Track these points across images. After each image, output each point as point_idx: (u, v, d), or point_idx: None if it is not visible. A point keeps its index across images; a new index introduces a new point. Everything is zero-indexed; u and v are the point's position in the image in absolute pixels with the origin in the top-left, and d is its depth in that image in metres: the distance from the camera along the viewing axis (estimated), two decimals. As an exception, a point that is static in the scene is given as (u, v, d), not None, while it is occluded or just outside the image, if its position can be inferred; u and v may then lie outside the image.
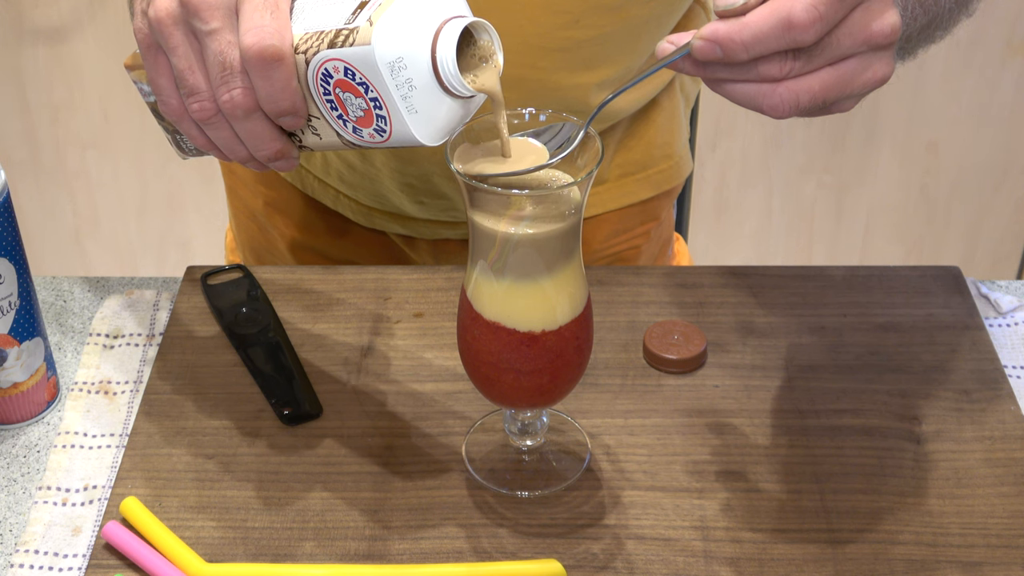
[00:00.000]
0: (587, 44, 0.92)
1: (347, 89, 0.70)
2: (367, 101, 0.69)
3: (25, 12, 1.93)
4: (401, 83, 0.68)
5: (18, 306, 0.84)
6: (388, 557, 0.77)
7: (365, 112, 0.70)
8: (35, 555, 0.78)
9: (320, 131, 0.73)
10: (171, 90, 0.74)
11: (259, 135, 0.72)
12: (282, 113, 0.70)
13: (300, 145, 0.75)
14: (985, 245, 2.11)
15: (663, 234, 1.16)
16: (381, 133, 0.71)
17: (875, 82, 0.67)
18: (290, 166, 0.75)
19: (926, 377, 0.89)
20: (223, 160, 0.79)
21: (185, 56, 0.71)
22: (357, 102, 0.70)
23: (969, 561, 0.76)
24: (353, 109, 0.71)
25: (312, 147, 0.75)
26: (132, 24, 0.75)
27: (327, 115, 0.72)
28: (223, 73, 0.70)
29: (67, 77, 1.99)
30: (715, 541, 0.78)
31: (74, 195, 2.11)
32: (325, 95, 0.71)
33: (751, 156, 2.02)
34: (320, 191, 1.07)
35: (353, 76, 0.69)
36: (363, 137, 0.72)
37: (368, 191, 1.05)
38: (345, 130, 0.72)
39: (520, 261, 0.72)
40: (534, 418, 0.82)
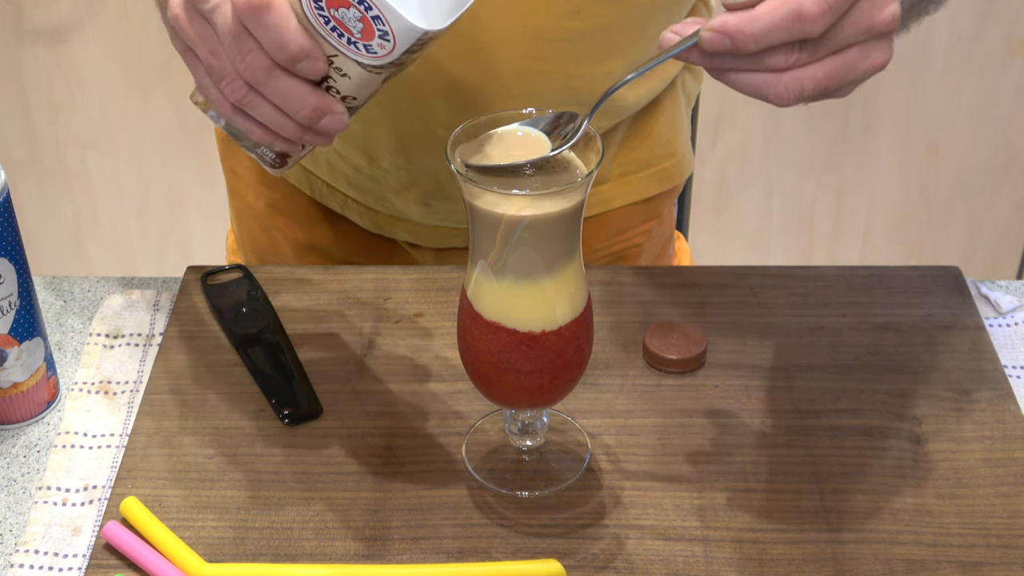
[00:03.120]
0: (590, 35, 0.92)
1: (339, 4, 0.70)
2: (358, 8, 0.69)
3: (25, 12, 1.93)
4: None
5: (18, 306, 0.84)
6: (388, 557, 0.77)
7: (363, 22, 0.70)
8: (35, 555, 0.78)
9: (345, 69, 0.73)
10: (211, 86, 0.75)
11: (289, 94, 0.72)
12: (295, 59, 0.70)
13: (342, 98, 0.74)
14: (985, 245, 2.11)
15: (664, 232, 1.16)
16: (385, 38, 0.70)
17: (875, 68, 0.69)
18: (339, 122, 0.74)
19: (926, 377, 0.89)
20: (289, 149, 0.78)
21: (205, 43, 0.73)
22: (352, 15, 0.70)
23: (969, 561, 0.76)
24: (353, 24, 0.70)
25: (350, 94, 0.74)
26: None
27: (338, 45, 0.71)
28: (233, 43, 0.71)
29: (67, 77, 1.99)
30: (715, 541, 0.78)
31: (74, 195, 2.11)
32: (326, 23, 0.71)
33: (751, 155, 2.02)
34: (328, 196, 1.07)
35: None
36: (377, 53, 0.71)
37: (375, 195, 1.05)
38: (360, 54, 0.71)
39: (520, 261, 0.72)
40: (534, 418, 0.82)
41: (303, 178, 1.08)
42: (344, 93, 0.74)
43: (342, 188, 1.06)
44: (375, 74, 0.72)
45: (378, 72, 0.72)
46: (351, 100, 0.75)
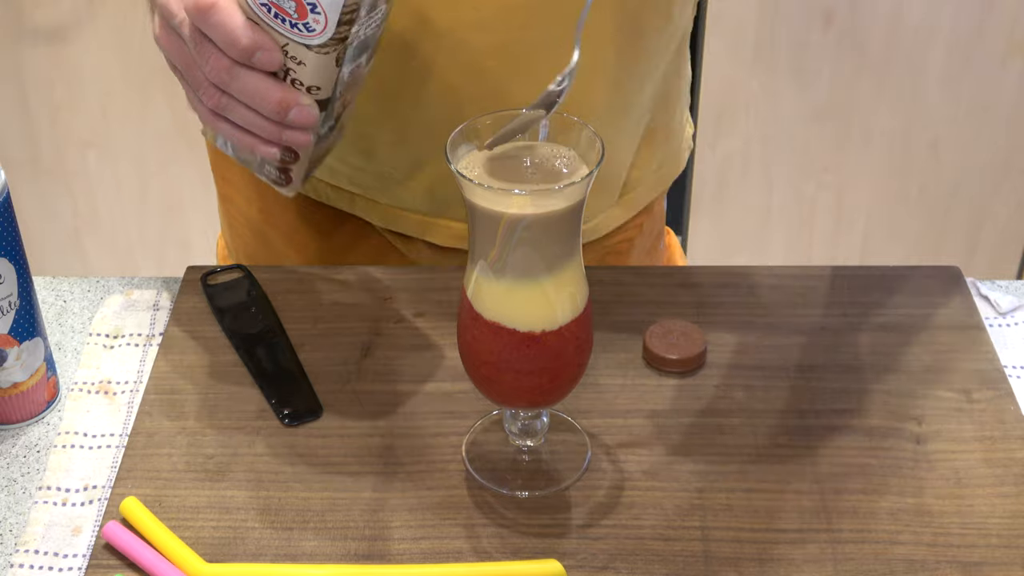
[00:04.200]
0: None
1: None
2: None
3: (25, 12, 1.93)
4: None
5: (18, 306, 0.84)
6: (388, 557, 0.77)
7: (295, 0, 0.72)
8: (35, 555, 0.78)
9: (298, 55, 0.74)
10: (193, 98, 0.78)
11: (254, 89, 0.75)
12: (248, 52, 0.73)
13: (307, 89, 0.76)
14: (985, 245, 2.11)
15: (655, 227, 1.15)
16: (316, 11, 0.72)
17: None
18: (307, 115, 0.76)
19: (926, 377, 0.89)
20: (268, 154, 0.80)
21: (180, 57, 0.78)
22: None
23: (969, 561, 0.76)
24: (286, 4, 0.72)
25: (313, 84, 0.76)
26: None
27: (283, 31, 0.74)
28: (196, 49, 0.75)
29: (67, 77, 1.99)
30: (715, 541, 0.78)
31: (74, 195, 2.11)
32: (268, 11, 0.73)
33: (751, 156, 2.02)
34: (335, 197, 1.07)
35: None
36: (315, 30, 0.73)
37: (380, 190, 1.04)
38: (302, 35, 0.73)
39: (520, 261, 0.72)
40: (534, 418, 0.82)
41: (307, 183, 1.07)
42: (307, 83, 0.76)
43: (347, 188, 1.06)
44: (323, 55, 0.74)
45: (324, 51, 0.74)
46: (316, 91, 0.76)
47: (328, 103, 0.78)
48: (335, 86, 0.77)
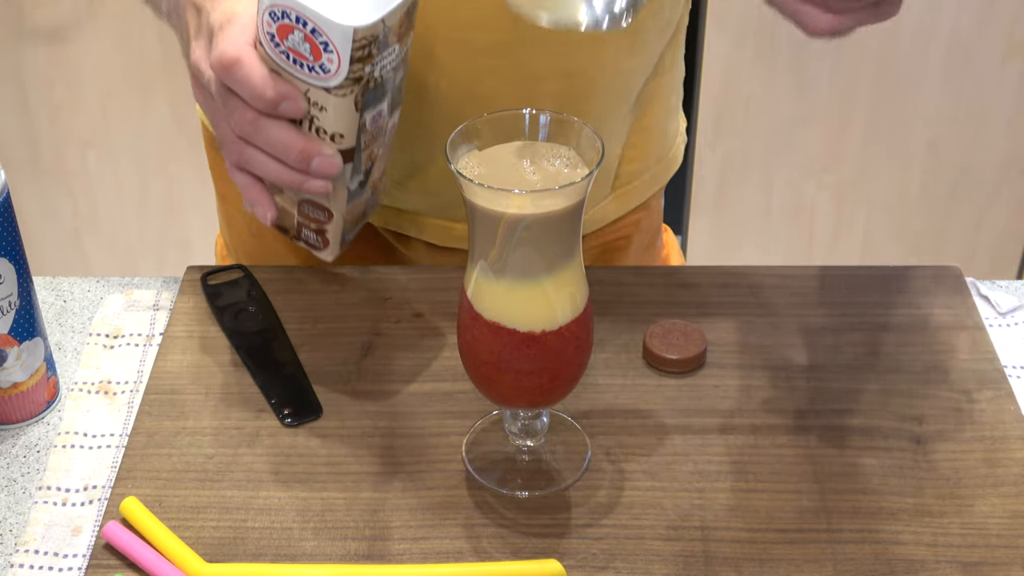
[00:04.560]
0: None
1: (285, 33, 0.74)
2: (300, 29, 0.73)
3: (25, 12, 1.93)
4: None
5: (18, 306, 0.84)
6: (388, 557, 0.77)
7: (308, 41, 0.73)
8: (35, 555, 0.78)
9: (320, 101, 0.75)
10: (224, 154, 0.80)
11: (277, 139, 0.76)
12: (273, 104, 0.75)
13: (330, 137, 0.77)
14: (985, 245, 2.11)
15: (653, 224, 1.15)
16: (328, 49, 0.73)
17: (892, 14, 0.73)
18: (329, 165, 0.77)
19: (926, 377, 0.89)
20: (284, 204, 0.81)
21: (210, 113, 0.80)
22: (298, 38, 0.73)
23: (969, 561, 0.76)
24: (303, 47, 0.73)
25: (337, 131, 0.77)
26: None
27: (303, 76, 0.75)
28: (223, 104, 0.77)
29: (67, 77, 1.99)
30: (715, 541, 0.78)
31: (74, 195, 2.11)
32: (287, 57, 0.74)
33: (751, 156, 2.02)
34: None
35: (275, 15, 0.73)
36: (330, 71, 0.74)
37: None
38: (319, 77, 0.74)
39: (520, 261, 0.72)
40: (534, 418, 0.82)
41: None
42: (331, 131, 0.77)
43: None
44: (341, 97, 0.75)
45: (342, 93, 0.75)
46: (340, 139, 0.77)
47: (354, 153, 0.79)
48: (358, 134, 0.78)
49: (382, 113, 0.79)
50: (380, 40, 0.74)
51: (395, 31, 0.75)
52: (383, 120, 0.80)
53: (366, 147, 0.80)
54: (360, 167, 0.81)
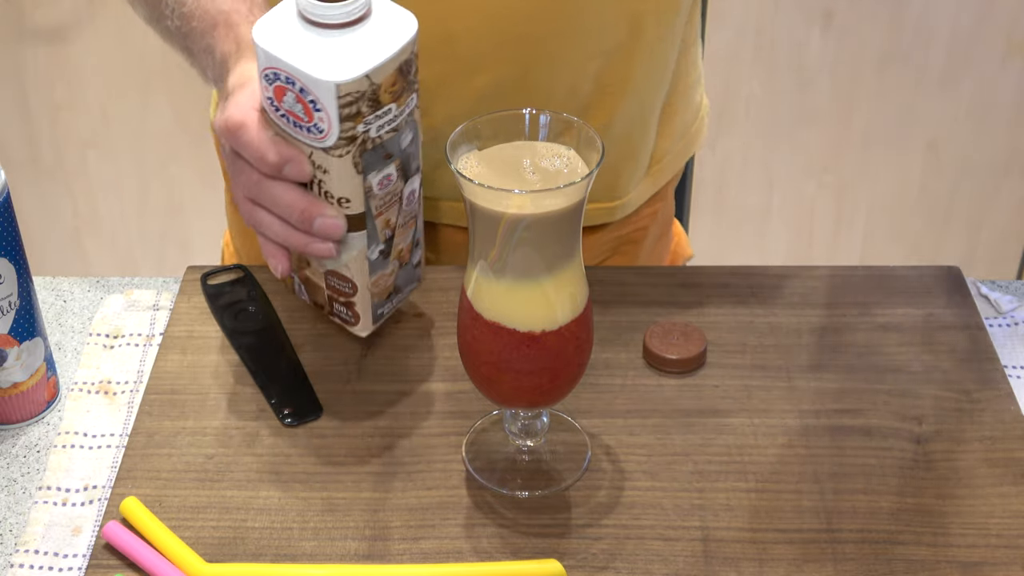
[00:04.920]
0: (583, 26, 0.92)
1: (281, 95, 0.74)
2: (291, 90, 0.73)
3: (25, 12, 1.93)
4: (283, 44, 0.73)
5: (18, 306, 0.84)
6: (388, 557, 0.77)
7: (300, 102, 0.74)
8: (35, 555, 0.78)
9: (323, 163, 0.76)
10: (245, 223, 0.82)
11: (279, 198, 0.77)
12: (278, 167, 0.76)
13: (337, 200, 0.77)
14: (985, 245, 2.11)
15: (667, 213, 1.16)
16: (316, 107, 0.73)
17: None
18: (332, 226, 0.77)
19: (926, 377, 0.89)
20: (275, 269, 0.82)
21: (229, 173, 0.82)
22: (291, 99, 0.74)
23: (969, 561, 0.76)
24: (296, 107, 0.74)
25: (343, 195, 0.77)
26: None
27: (303, 138, 0.75)
28: (232, 167, 0.79)
29: (67, 77, 1.99)
30: (715, 541, 0.78)
31: (74, 195, 2.11)
32: (287, 120, 0.75)
33: (751, 156, 2.02)
34: None
35: (269, 77, 0.74)
36: (324, 130, 0.74)
37: None
38: (315, 137, 0.75)
39: (520, 261, 0.72)
40: (534, 418, 0.82)
41: None
42: (337, 194, 0.77)
43: None
44: (339, 158, 0.75)
45: (339, 154, 0.75)
46: (347, 204, 0.77)
47: (365, 220, 0.78)
48: (366, 198, 0.78)
49: (391, 178, 0.79)
50: (368, 97, 0.74)
51: (387, 89, 0.74)
52: (394, 185, 0.79)
53: (379, 213, 0.79)
54: (377, 235, 0.80)
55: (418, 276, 0.88)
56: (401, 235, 0.82)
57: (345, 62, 0.73)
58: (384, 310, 0.86)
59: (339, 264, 0.81)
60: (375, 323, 0.85)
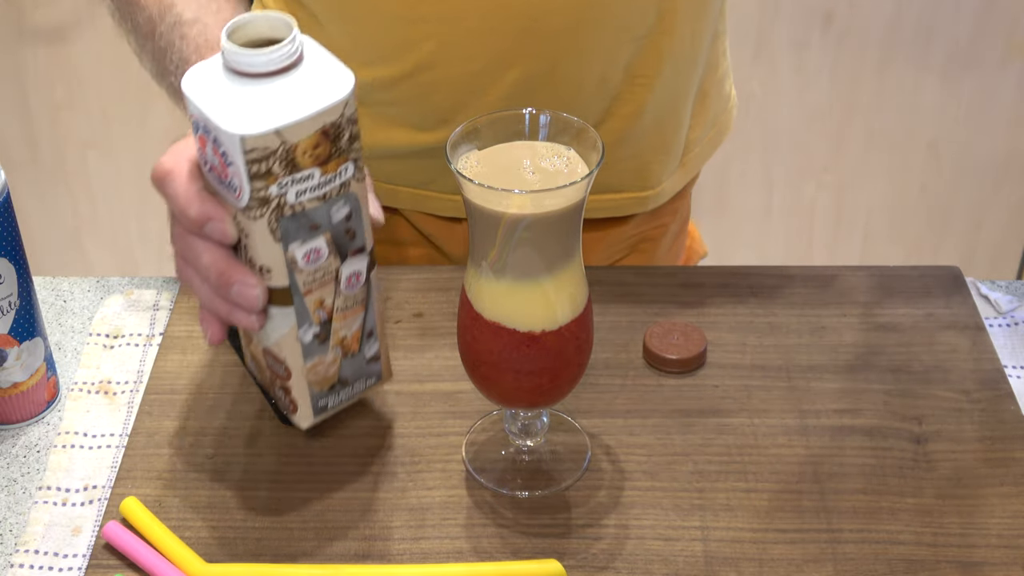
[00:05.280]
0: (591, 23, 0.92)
1: (204, 144, 0.69)
2: (209, 140, 0.67)
3: (25, 12, 1.93)
4: (203, 92, 0.68)
5: (18, 306, 0.84)
6: (388, 557, 0.77)
7: (216, 155, 0.68)
8: (35, 555, 0.78)
9: (243, 225, 0.69)
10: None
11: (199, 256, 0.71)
12: (198, 223, 0.70)
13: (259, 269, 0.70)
14: (985, 245, 2.11)
15: (686, 212, 1.16)
16: (229, 163, 0.67)
17: None
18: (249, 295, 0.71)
19: (926, 377, 0.89)
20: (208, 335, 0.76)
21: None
22: (210, 151, 0.68)
23: (969, 561, 0.76)
24: (214, 160, 0.68)
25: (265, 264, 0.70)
26: None
27: (225, 194, 0.69)
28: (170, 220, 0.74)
29: (67, 77, 1.99)
30: (715, 541, 0.78)
31: (74, 195, 2.11)
32: (209, 171, 0.70)
33: (751, 155, 2.02)
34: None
35: (195, 125, 0.69)
36: (237, 189, 0.68)
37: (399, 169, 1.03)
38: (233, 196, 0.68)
39: (520, 261, 0.72)
40: (534, 418, 0.82)
41: None
42: (258, 262, 0.70)
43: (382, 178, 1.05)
44: (255, 220, 0.68)
45: (254, 216, 0.68)
46: (267, 274, 0.71)
47: (290, 295, 0.71)
48: (289, 272, 0.71)
49: (319, 253, 0.71)
50: (281, 157, 0.66)
51: (306, 151, 0.67)
52: (325, 262, 0.71)
53: (308, 291, 0.72)
54: (309, 316, 0.73)
55: (376, 372, 0.78)
56: (342, 321, 0.74)
57: (256, 115, 0.66)
58: (328, 402, 0.77)
59: (271, 343, 0.74)
60: (316, 415, 0.77)
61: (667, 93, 1.00)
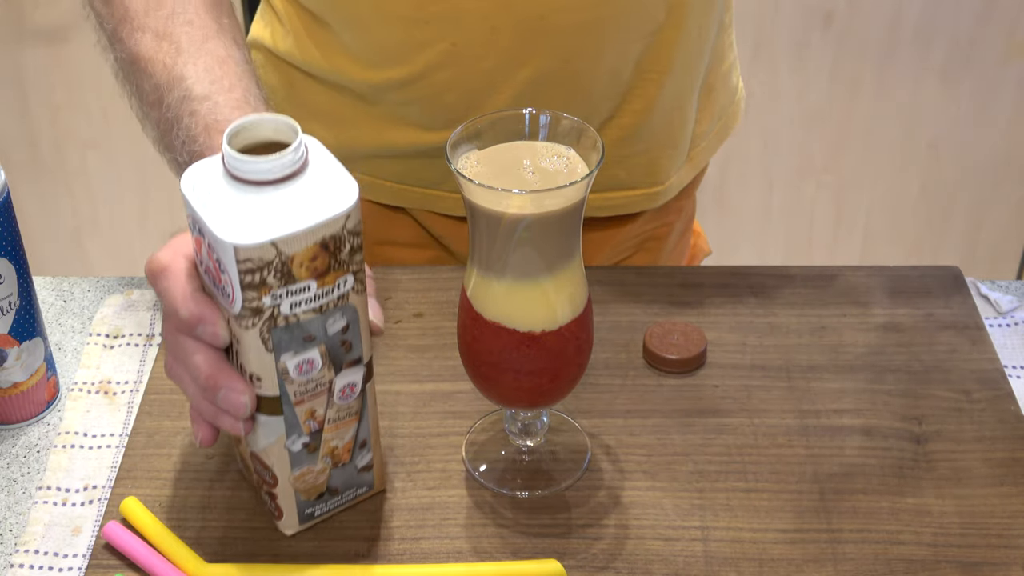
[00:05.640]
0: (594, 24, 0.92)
1: (199, 247, 0.67)
2: (204, 243, 0.66)
3: (25, 12, 1.93)
4: (201, 194, 0.66)
5: (18, 306, 0.84)
6: (388, 557, 0.77)
7: (210, 259, 0.66)
8: (35, 555, 0.78)
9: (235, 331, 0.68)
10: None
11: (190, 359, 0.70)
12: (189, 325, 0.68)
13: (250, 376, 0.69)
14: (985, 245, 2.11)
15: (691, 211, 1.16)
16: (222, 269, 0.65)
17: None
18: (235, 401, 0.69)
19: (926, 377, 0.89)
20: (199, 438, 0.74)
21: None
22: (205, 254, 0.66)
23: (969, 561, 0.76)
24: (209, 263, 0.67)
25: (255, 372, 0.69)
26: None
27: (219, 298, 0.67)
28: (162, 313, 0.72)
29: (67, 77, 1.99)
30: (715, 541, 0.78)
31: (74, 195, 2.11)
32: (205, 272, 0.68)
33: (751, 156, 2.02)
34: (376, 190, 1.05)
35: (192, 225, 0.67)
36: (230, 297, 0.66)
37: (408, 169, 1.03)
38: (226, 301, 0.67)
39: (520, 261, 0.72)
40: (534, 418, 0.82)
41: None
42: (249, 369, 0.69)
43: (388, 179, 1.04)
44: (247, 329, 0.67)
45: (246, 325, 0.66)
46: (258, 383, 0.69)
47: (279, 404, 0.70)
48: (279, 381, 0.69)
49: (313, 364, 0.69)
50: (276, 268, 0.65)
51: (302, 263, 0.66)
52: (318, 373, 0.70)
53: (299, 401, 0.70)
54: (299, 426, 0.72)
55: (368, 481, 0.78)
56: (334, 431, 0.73)
57: (252, 224, 0.64)
58: (316, 511, 0.77)
59: (258, 448, 0.73)
60: (302, 523, 0.76)
61: (676, 87, 1.00)
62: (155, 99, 0.85)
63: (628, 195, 1.04)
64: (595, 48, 0.93)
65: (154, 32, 0.85)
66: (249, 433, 0.71)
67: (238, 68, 0.84)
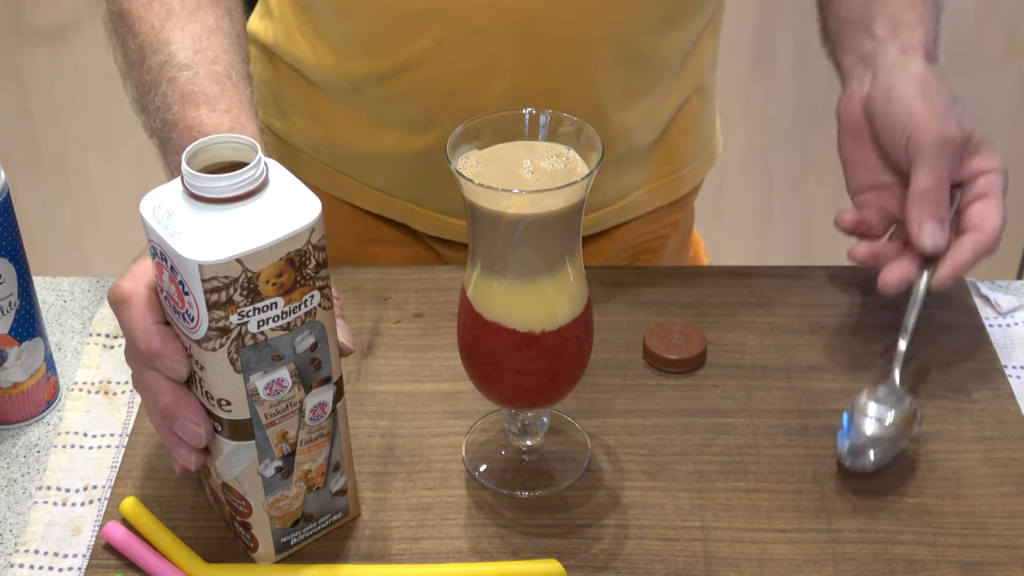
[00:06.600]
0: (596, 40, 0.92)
1: (161, 273, 0.67)
2: (166, 268, 0.65)
3: (25, 12, 1.93)
4: (161, 216, 0.65)
5: (18, 306, 0.84)
6: (388, 557, 0.77)
7: (173, 283, 0.65)
8: (35, 555, 0.78)
9: (198, 357, 0.67)
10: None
11: (150, 386, 0.69)
12: (147, 357, 0.68)
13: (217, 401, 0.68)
14: (985, 245, 2.11)
15: (688, 222, 1.16)
16: (186, 292, 0.65)
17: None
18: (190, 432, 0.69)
19: (926, 377, 0.89)
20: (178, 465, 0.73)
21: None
22: (166, 280, 0.66)
23: (969, 561, 0.76)
24: (171, 289, 0.66)
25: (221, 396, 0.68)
26: None
27: (181, 326, 0.67)
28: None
29: (67, 77, 1.99)
30: (715, 541, 0.78)
31: (74, 195, 2.11)
32: (167, 300, 0.68)
33: (751, 156, 2.02)
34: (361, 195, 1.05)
35: (151, 250, 0.67)
36: (193, 320, 0.65)
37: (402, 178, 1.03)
38: (189, 327, 0.66)
39: (520, 261, 0.72)
40: (534, 418, 0.82)
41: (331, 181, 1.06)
42: (216, 395, 0.68)
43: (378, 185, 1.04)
44: (212, 352, 0.66)
45: (211, 347, 0.66)
46: (227, 407, 0.68)
47: (251, 428, 0.69)
48: (249, 403, 0.68)
49: (283, 384, 0.69)
50: (242, 285, 0.64)
51: (268, 280, 0.65)
52: (288, 393, 0.69)
53: (270, 423, 0.69)
54: (271, 449, 0.71)
55: (343, 507, 0.77)
56: (306, 454, 0.73)
57: (216, 241, 0.63)
58: (291, 539, 0.76)
59: (230, 477, 0.72)
60: (279, 552, 0.75)
61: (652, 116, 1.00)
62: (138, 59, 0.84)
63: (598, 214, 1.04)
64: (577, 66, 0.93)
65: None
66: (198, 468, 0.71)
67: (225, 40, 0.84)
